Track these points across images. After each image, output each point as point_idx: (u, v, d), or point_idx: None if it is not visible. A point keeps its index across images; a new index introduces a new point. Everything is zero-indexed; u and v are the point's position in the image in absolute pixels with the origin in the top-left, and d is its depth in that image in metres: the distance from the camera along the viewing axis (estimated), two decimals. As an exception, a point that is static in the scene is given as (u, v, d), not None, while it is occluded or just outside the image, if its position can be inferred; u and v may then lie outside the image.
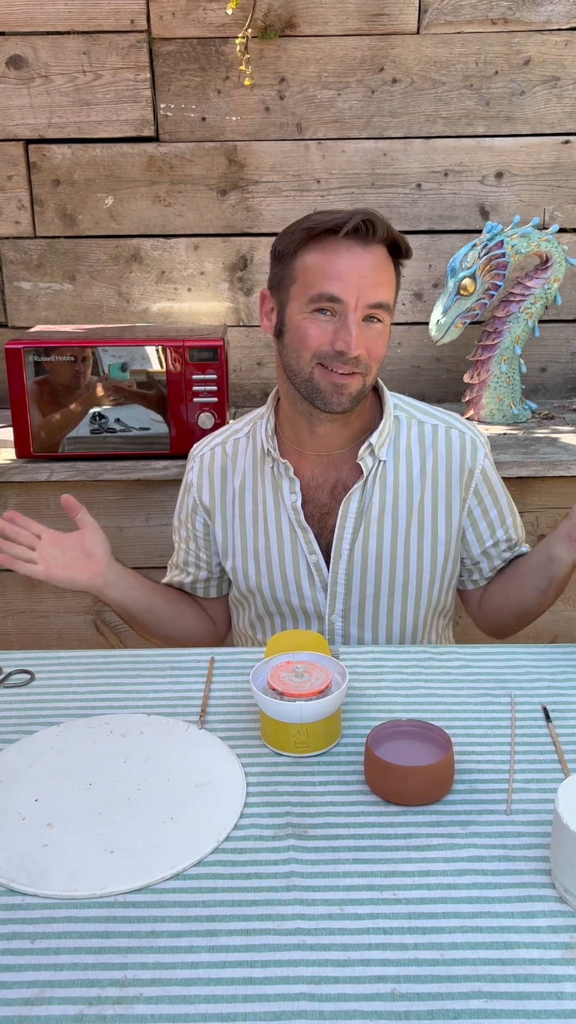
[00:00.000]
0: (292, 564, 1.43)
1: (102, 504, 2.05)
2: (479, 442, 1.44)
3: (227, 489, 1.46)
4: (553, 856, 0.89)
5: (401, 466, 1.41)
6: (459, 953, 0.82)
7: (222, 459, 1.47)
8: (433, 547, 1.42)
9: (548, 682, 1.25)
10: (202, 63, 2.16)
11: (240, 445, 1.46)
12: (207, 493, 1.47)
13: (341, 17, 2.13)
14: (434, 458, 1.41)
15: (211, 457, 1.48)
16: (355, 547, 1.40)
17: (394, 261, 1.33)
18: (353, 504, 1.39)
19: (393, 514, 1.40)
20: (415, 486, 1.41)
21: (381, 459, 1.39)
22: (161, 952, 0.83)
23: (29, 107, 2.20)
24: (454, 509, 1.42)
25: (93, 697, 1.24)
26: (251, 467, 1.44)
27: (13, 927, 0.86)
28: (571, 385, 2.38)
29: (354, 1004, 0.77)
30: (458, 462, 1.41)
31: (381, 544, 1.40)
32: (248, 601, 1.49)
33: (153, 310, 2.33)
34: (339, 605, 1.43)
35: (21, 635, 2.14)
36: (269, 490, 1.43)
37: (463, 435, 1.43)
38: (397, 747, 1.05)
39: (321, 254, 1.27)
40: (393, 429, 1.41)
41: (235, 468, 1.46)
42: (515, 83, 2.17)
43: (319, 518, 1.42)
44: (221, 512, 1.47)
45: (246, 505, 1.45)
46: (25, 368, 1.94)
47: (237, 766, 1.08)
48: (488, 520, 1.44)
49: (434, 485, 1.41)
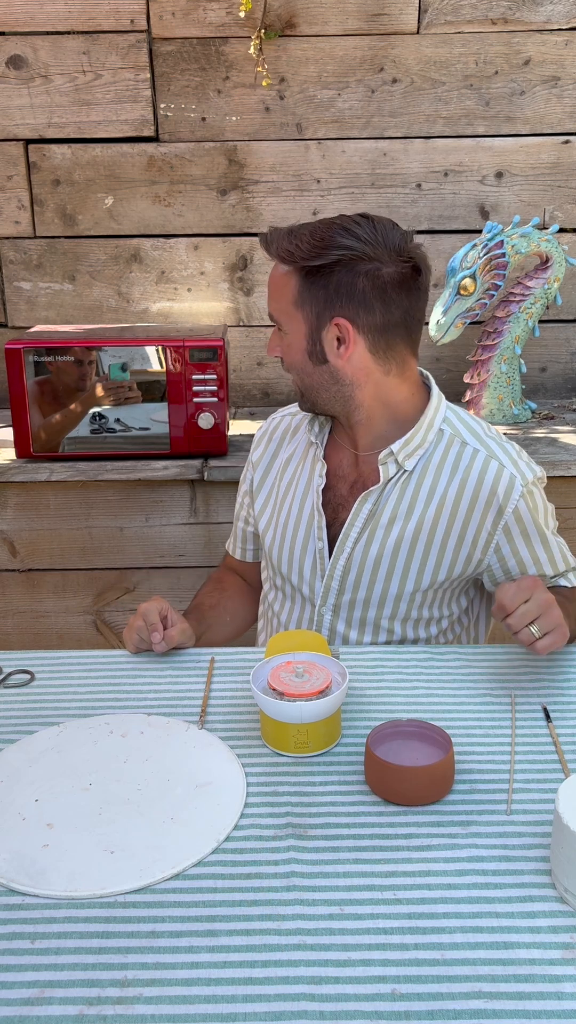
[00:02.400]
0: (302, 545, 1.45)
1: (102, 504, 2.05)
2: (519, 481, 1.36)
3: (279, 457, 1.54)
4: (553, 856, 0.89)
5: (426, 481, 1.38)
6: (459, 953, 0.82)
7: (285, 428, 1.56)
8: (435, 569, 1.39)
9: (548, 682, 1.25)
10: (202, 63, 2.16)
11: (304, 423, 1.53)
12: (263, 453, 1.57)
13: (341, 17, 2.13)
14: (461, 483, 1.37)
15: (279, 422, 1.58)
16: (357, 547, 1.40)
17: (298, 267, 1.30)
18: (367, 505, 1.39)
19: (402, 526, 1.38)
20: (432, 504, 1.37)
21: (406, 468, 1.37)
22: (161, 952, 0.83)
23: (29, 107, 2.20)
24: (467, 539, 1.38)
25: (93, 697, 1.24)
26: (303, 445, 1.51)
27: (13, 927, 0.86)
28: (571, 385, 2.38)
29: (354, 1004, 0.77)
30: (487, 495, 1.36)
31: (382, 552, 1.39)
32: (268, 566, 1.55)
33: (153, 310, 2.33)
34: (331, 599, 1.44)
35: (21, 635, 2.14)
36: (307, 470, 1.47)
37: (502, 469, 1.37)
38: (397, 747, 1.05)
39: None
40: (432, 443, 1.39)
41: (292, 439, 1.53)
42: (515, 83, 2.17)
43: (334, 508, 1.44)
44: (264, 473, 1.55)
45: (286, 476, 1.51)
46: (25, 368, 1.94)
47: (237, 766, 1.08)
48: (518, 559, 1.39)
49: (454, 510, 1.37)
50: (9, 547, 2.08)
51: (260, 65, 2.13)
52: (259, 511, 1.54)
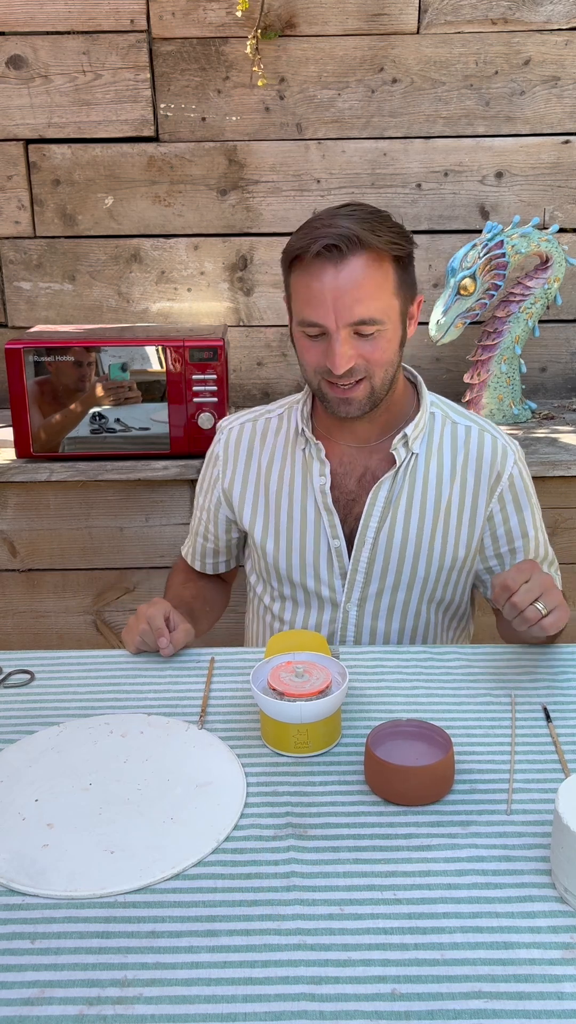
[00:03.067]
0: (313, 547, 1.44)
1: (102, 504, 2.05)
2: (510, 448, 1.44)
3: (252, 465, 1.49)
4: (553, 856, 0.89)
5: (432, 462, 1.42)
6: (459, 953, 0.82)
7: (250, 435, 1.50)
8: (456, 545, 1.43)
9: (548, 682, 1.25)
10: (202, 63, 2.16)
11: (272, 424, 1.49)
12: (231, 466, 1.50)
13: (341, 17, 2.13)
14: (465, 458, 1.42)
15: (239, 432, 1.51)
16: (380, 536, 1.41)
17: (393, 256, 1.29)
18: (383, 493, 1.41)
19: (421, 508, 1.42)
20: (444, 483, 1.42)
21: (414, 452, 1.41)
22: (161, 952, 0.83)
23: (29, 107, 2.20)
24: (479, 511, 1.43)
25: (93, 697, 1.24)
26: (282, 447, 1.47)
27: (13, 927, 0.86)
28: (571, 385, 2.38)
29: (354, 1004, 0.77)
30: (488, 465, 1.42)
31: (406, 536, 1.42)
32: (267, 579, 1.52)
33: (153, 310, 2.33)
34: (356, 593, 1.44)
35: (21, 635, 2.14)
36: (298, 471, 1.45)
37: (495, 439, 1.43)
38: (397, 747, 1.05)
39: (300, 278, 1.29)
40: (428, 425, 1.43)
41: (264, 446, 1.49)
42: (515, 83, 2.17)
43: (344, 504, 1.43)
44: (243, 486, 1.50)
45: (271, 484, 1.47)
46: (25, 368, 1.94)
47: (237, 766, 1.08)
48: (507, 528, 1.44)
49: (463, 484, 1.42)
50: (9, 547, 2.08)
51: (256, 65, 2.13)
52: (249, 524, 1.50)
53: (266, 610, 1.55)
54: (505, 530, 1.44)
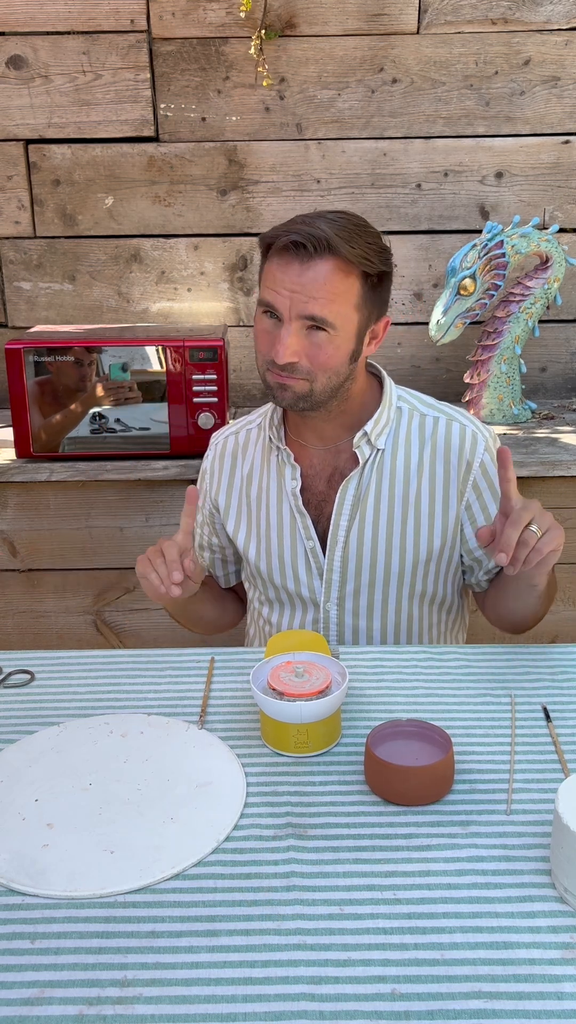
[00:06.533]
0: (291, 550, 1.46)
1: (102, 504, 2.05)
2: (480, 436, 1.43)
3: (236, 475, 1.53)
4: (553, 856, 0.89)
5: (399, 456, 1.43)
6: (459, 953, 0.82)
7: (233, 447, 1.54)
8: (430, 537, 1.43)
9: (548, 682, 1.25)
10: (202, 63, 2.16)
11: (252, 435, 1.53)
12: (217, 479, 1.54)
13: (341, 17, 2.13)
14: (432, 449, 1.43)
15: (223, 445, 1.55)
16: (351, 534, 1.43)
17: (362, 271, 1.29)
18: (350, 491, 1.42)
19: (389, 502, 1.42)
20: (412, 476, 1.42)
21: (379, 448, 1.41)
22: (161, 952, 0.83)
23: (29, 107, 2.20)
24: (451, 501, 1.43)
25: (93, 697, 1.24)
26: (260, 456, 1.50)
27: (13, 927, 0.86)
28: (571, 385, 2.38)
29: (354, 1004, 0.77)
30: (456, 454, 1.42)
31: (376, 531, 1.42)
32: (255, 584, 1.55)
33: (153, 310, 2.33)
34: (334, 592, 1.46)
35: (21, 635, 2.14)
36: (274, 478, 1.48)
37: (464, 428, 1.43)
38: (397, 747, 1.05)
39: (269, 264, 1.32)
40: (394, 420, 1.44)
41: (245, 456, 1.52)
42: (515, 83, 2.17)
43: (316, 505, 1.45)
44: (227, 496, 1.53)
45: (251, 492, 1.50)
46: (25, 368, 1.94)
47: (237, 766, 1.08)
48: (487, 516, 1.44)
49: (431, 476, 1.42)
50: (9, 547, 2.08)
51: (261, 65, 2.13)
52: (233, 532, 1.53)
53: (258, 614, 1.58)
54: (485, 518, 1.44)
